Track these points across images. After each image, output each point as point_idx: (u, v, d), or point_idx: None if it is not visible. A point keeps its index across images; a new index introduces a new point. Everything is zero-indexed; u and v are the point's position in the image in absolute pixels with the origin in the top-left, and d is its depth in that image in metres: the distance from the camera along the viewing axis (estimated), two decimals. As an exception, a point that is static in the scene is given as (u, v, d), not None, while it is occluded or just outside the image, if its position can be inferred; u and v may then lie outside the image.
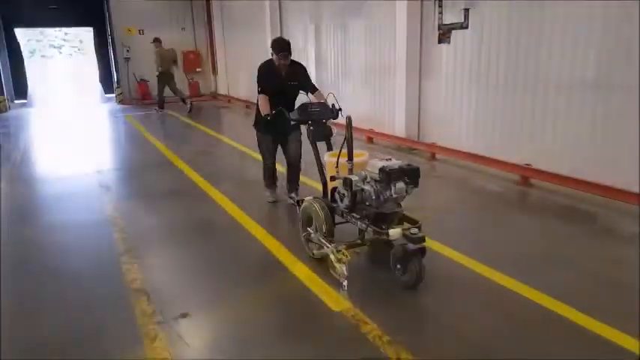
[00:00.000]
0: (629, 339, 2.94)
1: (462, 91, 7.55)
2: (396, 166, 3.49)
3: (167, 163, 7.97)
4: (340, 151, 3.81)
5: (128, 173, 7.83)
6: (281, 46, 5.02)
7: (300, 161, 5.45)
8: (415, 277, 3.45)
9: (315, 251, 3.91)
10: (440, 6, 7.81)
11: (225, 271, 4.09)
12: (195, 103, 14.96)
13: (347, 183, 3.67)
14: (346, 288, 3.40)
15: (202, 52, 18.45)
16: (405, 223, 3.67)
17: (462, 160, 7.31)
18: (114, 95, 17.67)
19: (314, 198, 4.09)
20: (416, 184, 3.52)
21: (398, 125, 8.64)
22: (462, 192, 6.27)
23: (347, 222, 3.88)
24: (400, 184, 3.45)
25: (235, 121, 13.37)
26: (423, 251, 3.47)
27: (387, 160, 3.58)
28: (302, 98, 5.17)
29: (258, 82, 5.09)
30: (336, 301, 3.43)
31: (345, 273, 3.39)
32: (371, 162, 3.63)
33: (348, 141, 3.78)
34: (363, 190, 3.61)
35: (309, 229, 3.98)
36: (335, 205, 3.93)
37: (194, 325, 3.30)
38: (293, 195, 5.47)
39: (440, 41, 7.96)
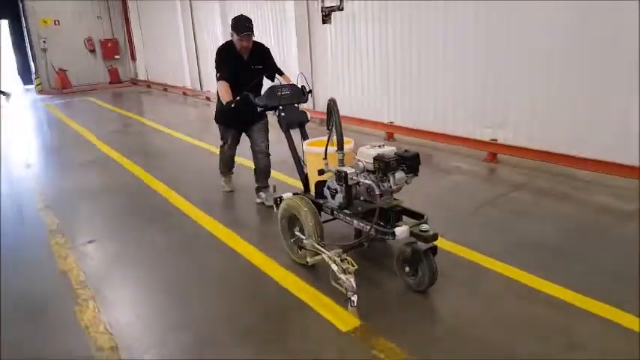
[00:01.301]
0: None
1: (342, 64, 8.78)
2: (393, 154, 3.06)
3: (85, 142, 8.78)
4: (329, 139, 3.32)
5: (50, 153, 8.61)
6: (243, 25, 4.41)
7: (268, 152, 4.89)
8: (427, 280, 3.04)
9: (308, 259, 3.21)
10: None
11: (130, 214, 5.11)
12: (116, 89, 15.49)
13: (341, 177, 3.16)
14: (355, 304, 2.80)
15: (120, 39, 18.86)
16: (401, 217, 3.26)
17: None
18: (33, 86, 17.87)
19: (296, 195, 3.63)
20: (416, 172, 3.07)
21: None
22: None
23: (334, 220, 3.55)
24: (400, 174, 3.01)
25: (152, 103, 14.13)
26: (434, 250, 3.04)
27: (379, 146, 3.13)
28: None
29: (217, 67, 4.52)
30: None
31: (354, 286, 2.78)
32: (361, 150, 3.16)
33: (337, 127, 3.21)
34: (358, 184, 3.18)
35: (297, 233, 3.46)
36: (322, 202, 3.53)
37: (98, 248, 4.33)
38: (262, 194, 4.97)
39: (324, 22, 9.12)
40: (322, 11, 9.05)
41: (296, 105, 4.09)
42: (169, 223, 4.76)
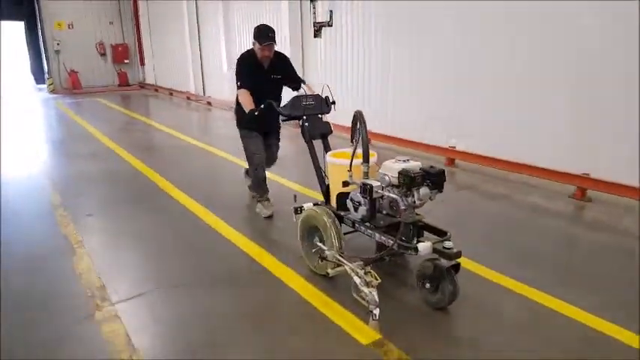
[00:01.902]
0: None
1: (331, 75, 9.54)
2: (418, 169, 3.04)
3: (90, 136, 9.55)
4: (354, 151, 3.26)
5: (58, 145, 9.39)
6: (266, 34, 4.40)
7: (273, 163, 5.16)
8: (448, 298, 3.01)
9: (330, 270, 3.20)
10: (314, 7, 9.76)
11: (124, 195, 5.84)
12: (124, 92, 16.32)
13: (366, 189, 3.13)
14: (377, 317, 2.76)
15: (130, 44, 19.77)
16: (422, 232, 3.25)
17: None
18: (45, 85, 18.75)
19: (317, 206, 3.68)
20: (440, 189, 3.05)
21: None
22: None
23: (354, 232, 3.51)
24: (424, 190, 3.00)
25: (157, 106, 14.93)
26: (457, 268, 3.04)
27: (404, 161, 3.10)
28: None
29: (238, 76, 4.47)
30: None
31: (377, 299, 2.75)
32: (386, 164, 3.14)
33: (363, 139, 3.16)
34: (382, 197, 3.16)
35: (319, 244, 3.43)
36: (343, 213, 3.50)
37: (95, 220, 5.05)
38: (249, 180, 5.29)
39: (315, 36, 9.92)
40: (314, 26, 9.86)
41: (319, 116, 4.05)
42: (156, 203, 5.49)
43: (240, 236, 4.42)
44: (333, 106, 4.14)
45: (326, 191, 3.85)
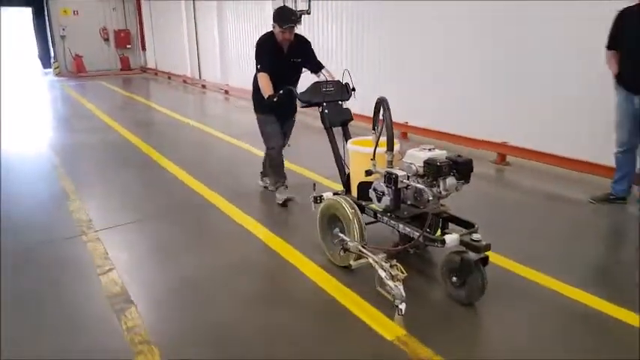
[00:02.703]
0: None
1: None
2: (445, 158, 2.93)
3: (90, 114, 10.53)
4: (377, 139, 3.15)
5: (61, 121, 10.39)
6: (287, 17, 4.26)
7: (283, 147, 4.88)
8: (476, 292, 2.89)
9: (352, 262, 3.18)
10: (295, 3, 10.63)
11: (114, 160, 6.81)
12: (126, 76, 17.27)
13: (391, 179, 3.00)
14: (403, 312, 2.64)
15: (132, 30, 20.69)
16: (447, 224, 3.14)
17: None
18: (51, 70, 19.74)
19: (337, 195, 3.58)
20: (467, 180, 2.94)
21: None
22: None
23: (375, 222, 3.38)
24: (451, 180, 2.89)
25: (154, 88, 15.89)
26: (485, 261, 2.86)
27: (429, 150, 3.02)
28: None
29: (257, 58, 4.36)
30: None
31: (403, 294, 2.65)
32: (410, 152, 3.04)
33: (388, 127, 3.04)
34: (407, 187, 3.05)
35: (340, 234, 3.32)
36: (364, 203, 3.39)
37: (88, 177, 6.02)
38: (267, 180, 5.14)
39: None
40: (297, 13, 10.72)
41: (340, 102, 3.95)
42: (140, 164, 6.49)
43: (213, 194, 5.37)
44: (353, 92, 4.04)
45: (346, 180, 3.71)
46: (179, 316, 3.00)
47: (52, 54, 19.70)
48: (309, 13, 10.23)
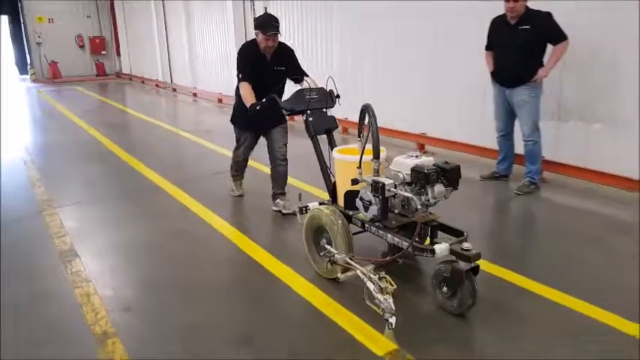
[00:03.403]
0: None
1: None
2: (432, 165, 2.89)
3: (63, 117, 11.23)
4: (364, 147, 3.05)
5: (37, 123, 11.11)
6: (270, 24, 4.15)
7: (286, 157, 4.65)
8: (467, 302, 2.82)
9: (340, 275, 3.13)
10: (253, 5, 11.45)
11: (80, 156, 7.54)
12: (101, 81, 17.94)
13: (377, 188, 2.92)
14: (393, 326, 2.53)
15: (107, 37, 21.36)
16: (437, 232, 3.09)
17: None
18: (28, 76, 20.34)
19: (323, 205, 3.48)
20: (455, 186, 2.91)
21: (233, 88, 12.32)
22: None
23: (362, 232, 3.31)
24: (439, 187, 2.85)
25: (127, 92, 16.60)
26: (476, 270, 2.81)
27: (415, 156, 2.98)
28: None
29: (239, 67, 4.25)
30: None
31: (393, 307, 2.55)
32: (397, 159, 3.01)
33: (373, 134, 2.95)
34: (395, 196, 2.97)
35: (327, 246, 3.22)
36: (351, 213, 3.31)
37: (55, 170, 6.76)
38: (279, 202, 4.69)
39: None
40: (254, 21, 11.51)
41: (324, 110, 3.88)
42: (103, 158, 7.24)
43: (163, 180, 6.15)
44: (337, 100, 3.99)
45: (332, 189, 3.62)
46: (115, 263, 3.81)
47: (29, 60, 20.28)
48: (265, 20, 11.02)
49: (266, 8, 10.95)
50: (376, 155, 2.96)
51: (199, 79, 14.47)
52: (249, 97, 4.07)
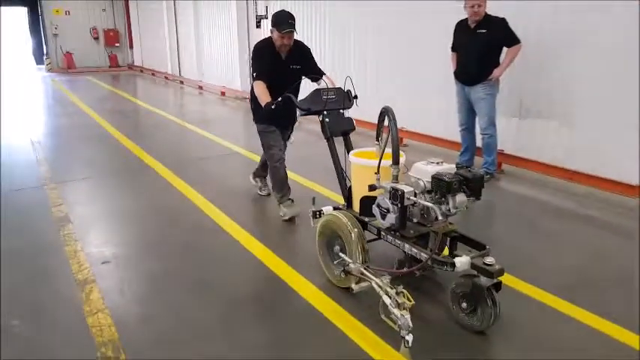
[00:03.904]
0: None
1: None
2: (454, 174, 2.70)
3: (73, 104, 11.90)
4: (382, 151, 2.95)
5: (47, 108, 11.79)
6: (285, 21, 4.02)
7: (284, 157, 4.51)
8: (489, 320, 2.65)
9: (354, 285, 2.92)
10: (255, 3, 11.99)
11: (81, 137, 8.14)
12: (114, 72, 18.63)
13: (396, 195, 2.78)
14: (410, 344, 2.37)
15: (121, 30, 22.06)
16: (456, 244, 2.99)
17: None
18: (44, 65, 21.11)
19: (338, 210, 3.36)
20: (478, 196, 2.72)
21: (237, 82, 12.87)
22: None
23: (377, 240, 3.17)
24: (461, 197, 2.68)
25: (137, 84, 17.22)
26: (498, 286, 2.67)
27: (437, 163, 2.82)
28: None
29: (254, 65, 4.15)
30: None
31: (410, 324, 2.38)
32: (417, 166, 2.87)
33: (393, 139, 2.81)
34: (414, 204, 2.85)
35: (342, 254, 3.09)
36: (367, 219, 3.18)
37: (58, 149, 7.36)
38: (258, 182, 5.08)
39: (257, 26, 12.16)
40: (256, 19, 12.10)
41: (341, 111, 3.74)
42: (103, 140, 7.85)
43: (155, 163, 6.72)
44: (355, 100, 3.84)
45: (348, 194, 3.49)
46: (103, 227, 4.40)
47: (45, 51, 21.04)
48: (266, 18, 11.58)
49: (267, 7, 11.51)
50: (396, 161, 2.84)
51: (205, 72, 15.05)
52: (263, 96, 3.92)
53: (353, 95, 3.82)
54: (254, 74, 4.12)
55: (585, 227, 4.39)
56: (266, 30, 11.60)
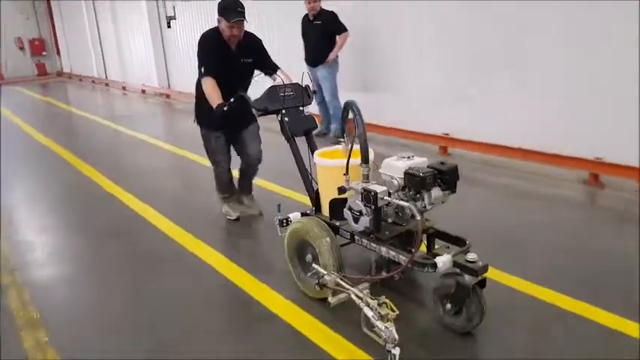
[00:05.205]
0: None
1: (183, 58, 12.71)
2: (427, 167, 2.56)
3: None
4: (350, 150, 2.75)
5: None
6: (235, 9, 3.64)
7: (261, 158, 4.22)
8: (474, 320, 2.53)
9: (331, 299, 2.61)
10: (164, 4, 12.93)
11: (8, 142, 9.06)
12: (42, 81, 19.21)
13: (369, 197, 2.59)
14: (397, 358, 2.19)
15: (47, 38, 22.48)
16: (434, 241, 2.84)
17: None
18: (-30, 78, 21.36)
19: (306, 216, 3.20)
20: (454, 189, 2.58)
21: (154, 79, 13.84)
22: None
23: (349, 244, 2.99)
24: (437, 192, 2.53)
25: (65, 89, 17.84)
26: (482, 284, 2.51)
27: (407, 158, 2.64)
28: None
29: (201, 59, 3.75)
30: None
31: (396, 337, 2.20)
32: (387, 162, 2.67)
33: (360, 135, 2.63)
34: (388, 204, 2.65)
35: (315, 266, 2.88)
36: (338, 224, 3.00)
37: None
38: (246, 201, 4.54)
39: (168, 26, 13.13)
40: (166, 19, 13.08)
41: (301, 108, 3.54)
42: (31, 150, 8.77)
43: (74, 158, 7.74)
44: (314, 96, 3.71)
45: (315, 198, 3.30)
46: (22, 216, 5.47)
47: (-31, 64, 21.29)
48: (174, 18, 12.57)
49: (174, 7, 12.49)
50: (365, 159, 2.68)
51: (127, 73, 15.91)
52: (214, 96, 3.55)
53: (312, 90, 3.67)
54: (201, 69, 3.72)
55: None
56: (177, 30, 12.54)
